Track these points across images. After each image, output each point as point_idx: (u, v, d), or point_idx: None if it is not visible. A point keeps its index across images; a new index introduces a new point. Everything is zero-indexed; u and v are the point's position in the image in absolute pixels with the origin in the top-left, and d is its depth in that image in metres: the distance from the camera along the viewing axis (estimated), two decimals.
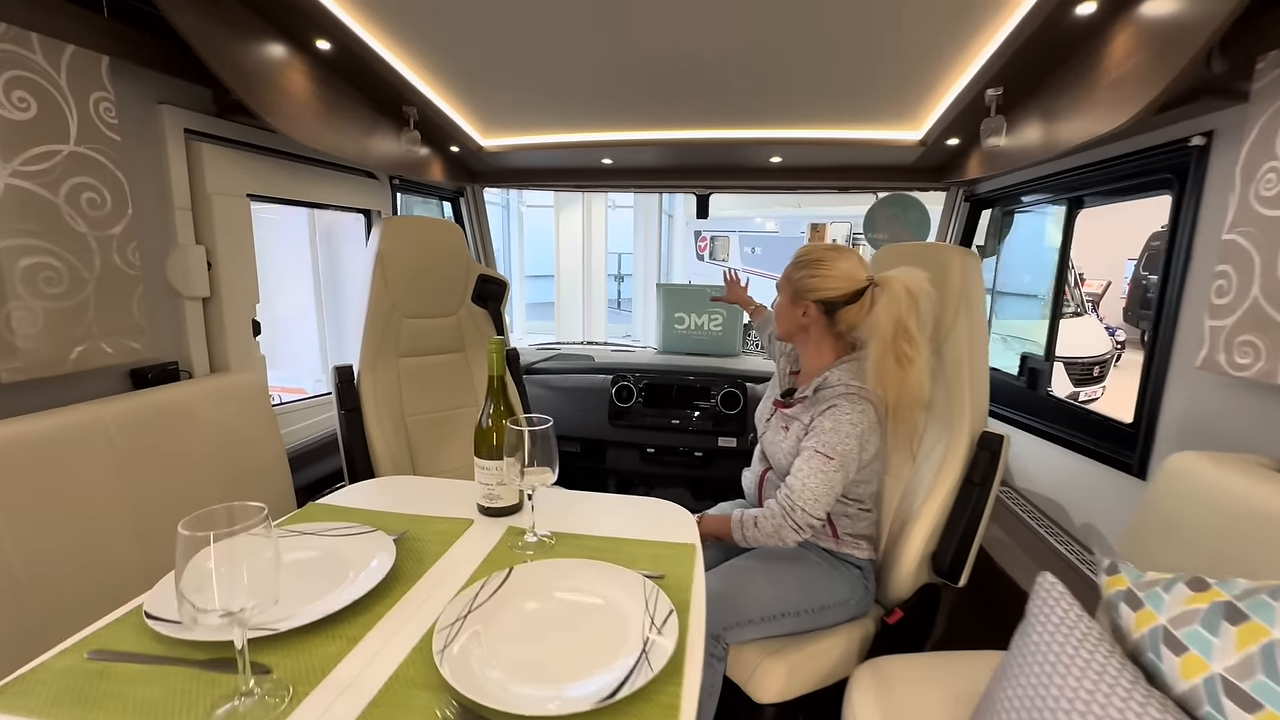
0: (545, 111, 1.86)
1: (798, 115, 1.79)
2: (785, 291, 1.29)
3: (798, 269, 1.26)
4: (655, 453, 2.18)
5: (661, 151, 2.08)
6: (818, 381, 1.25)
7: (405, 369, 1.75)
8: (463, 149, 2.07)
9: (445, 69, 1.57)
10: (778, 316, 1.33)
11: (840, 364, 1.25)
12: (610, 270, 13.14)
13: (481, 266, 1.91)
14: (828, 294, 1.22)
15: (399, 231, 1.71)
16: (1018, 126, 1.48)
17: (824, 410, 1.19)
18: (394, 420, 1.68)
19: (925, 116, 1.73)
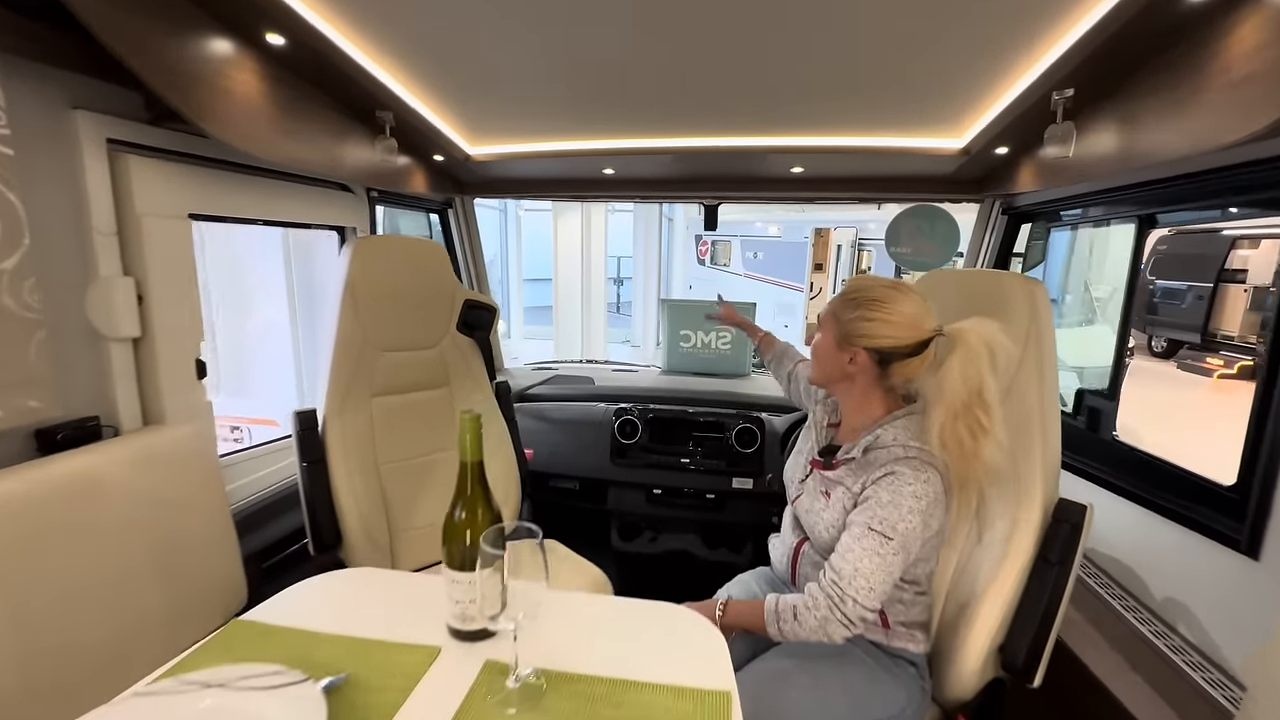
0: (539, 117, 1.65)
1: (824, 121, 1.58)
2: (830, 331, 1.08)
3: (849, 308, 1.05)
4: (662, 494, 1.97)
5: (669, 161, 1.87)
6: (867, 440, 1.04)
7: (379, 410, 1.53)
8: (448, 158, 1.86)
9: (423, 68, 1.35)
10: (817, 358, 1.12)
11: (894, 419, 1.04)
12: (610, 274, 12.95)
13: (468, 291, 1.70)
14: (884, 342, 1.01)
15: (372, 254, 1.49)
16: (1088, 134, 1.27)
17: (879, 478, 0.98)
18: (364, 471, 1.46)
19: (971, 123, 1.52)
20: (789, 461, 1.24)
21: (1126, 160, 1.21)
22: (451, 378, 1.67)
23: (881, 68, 1.26)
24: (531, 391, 2.43)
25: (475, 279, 2.56)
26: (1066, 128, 1.25)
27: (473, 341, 1.70)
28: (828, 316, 1.09)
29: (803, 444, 1.23)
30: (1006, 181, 1.69)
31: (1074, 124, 1.26)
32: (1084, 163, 1.31)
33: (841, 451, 1.08)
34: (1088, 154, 1.29)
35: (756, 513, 1.91)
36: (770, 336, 1.60)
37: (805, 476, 1.15)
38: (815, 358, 1.12)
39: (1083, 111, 1.27)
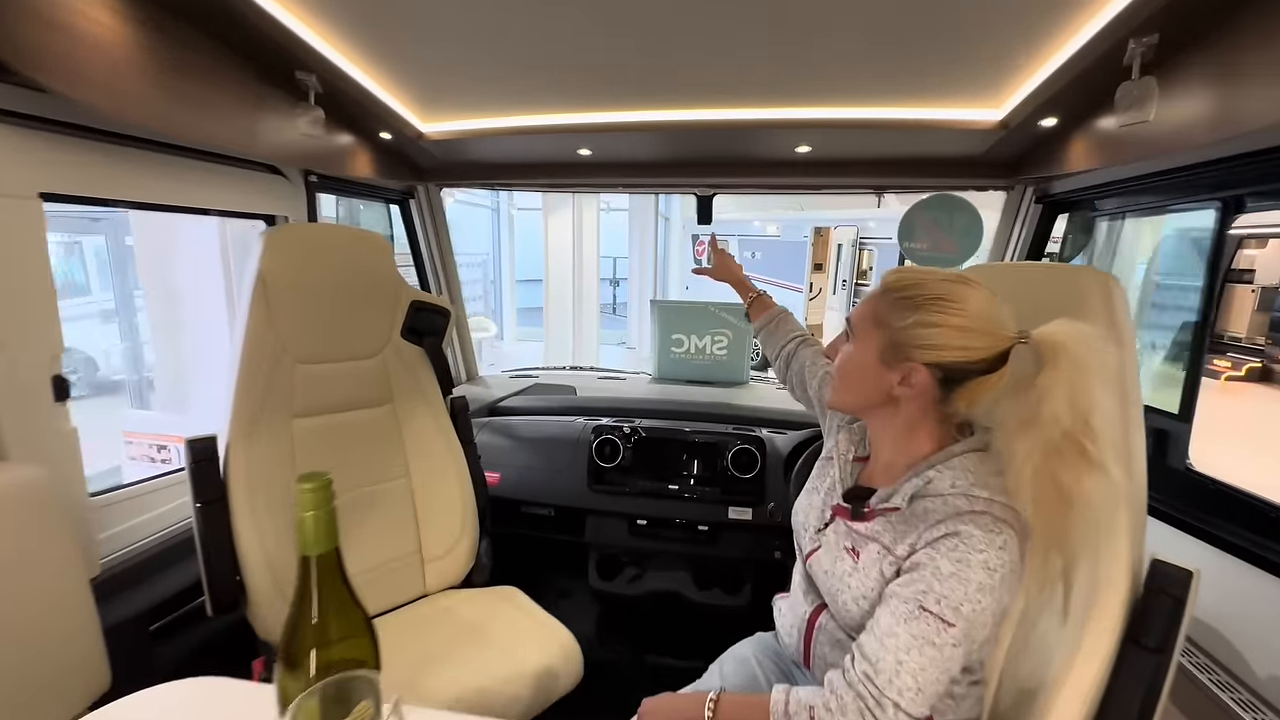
0: (500, 87, 1.39)
1: (836, 89, 1.33)
2: (871, 340, 0.81)
3: (903, 309, 0.77)
4: (647, 525, 1.71)
5: (654, 140, 1.61)
6: (914, 484, 0.78)
7: (302, 434, 1.27)
8: (397, 136, 1.60)
9: (355, 21, 1.10)
10: (847, 378, 0.85)
11: (949, 458, 0.78)
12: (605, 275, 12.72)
13: (415, 291, 1.44)
14: (952, 355, 0.75)
15: (290, 244, 1.24)
16: (1169, 95, 1.01)
17: (936, 539, 0.72)
18: (279, 510, 1.20)
19: (1013, 88, 1.26)
20: (800, 502, 0.98)
21: (1222, 126, 0.96)
22: (395, 393, 1.41)
23: (907, 19, 1.01)
24: (504, 404, 2.17)
25: (444, 282, 2.30)
26: (1146, 85, 0.99)
27: (421, 350, 1.44)
28: (865, 320, 0.82)
29: (818, 479, 0.97)
30: (1048, 161, 1.44)
31: (1155, 79, 1.00)
32: (1160, 132, 1.05)
33: (877, 497, 0.82)
34: (1167, 120, 1.03)
35: (756, 547, 1.66)
36: (765, 299, 1.30)
37: (824, 525, 0.89)
38: (844, 377, 0.85)
39: (1162, 66, 1.01)
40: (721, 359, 2.64)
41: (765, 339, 1.25)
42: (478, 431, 1.87)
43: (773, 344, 1.22)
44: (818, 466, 0.99)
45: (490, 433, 1.88)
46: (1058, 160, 1.39)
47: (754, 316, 1.29)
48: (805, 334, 1.21)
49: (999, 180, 1.74)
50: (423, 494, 1.42)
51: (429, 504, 1.42)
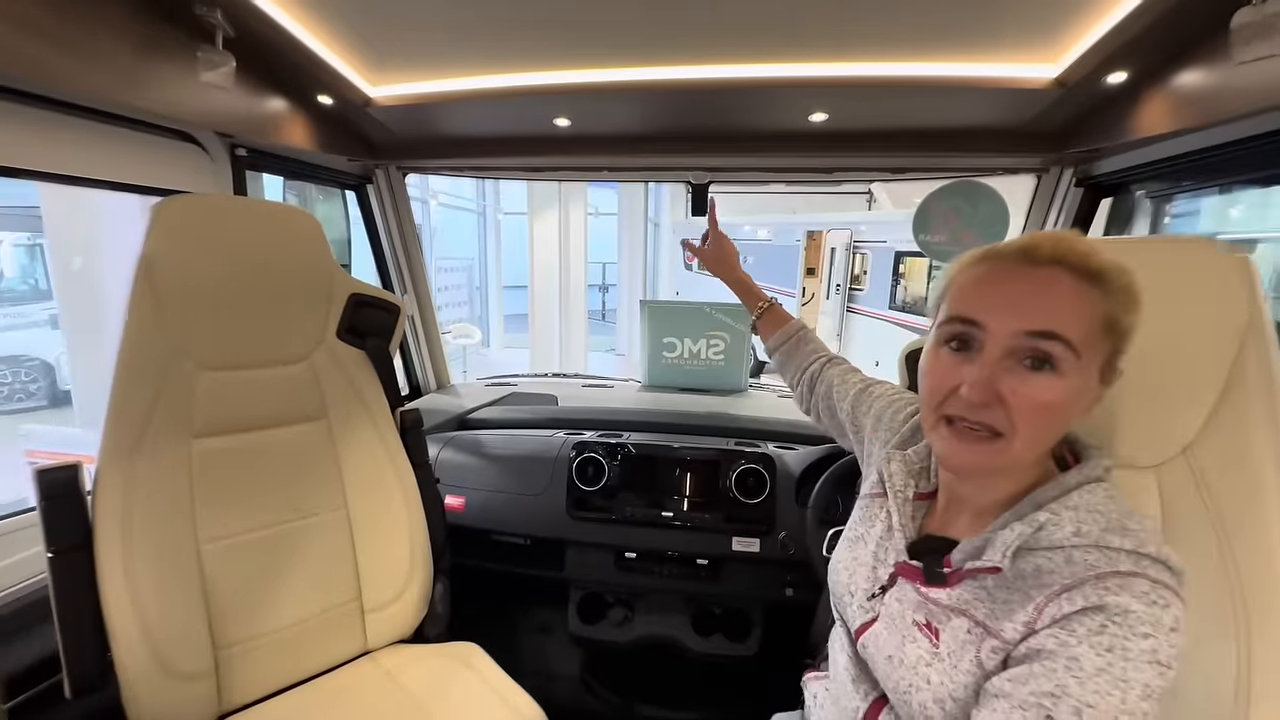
0: (462, 38, 1.15)
1: (859, 41, 1.11)
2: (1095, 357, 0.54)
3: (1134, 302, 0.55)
4: (637, 558, 1.46)
5: (642, 107, 1.37)
6: (1019, 532, 0.54)
7: (205, 458, 1.01)
8: (340, 101, 1.35)
9: None
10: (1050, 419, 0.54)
11: (1064, 492, 0.55)
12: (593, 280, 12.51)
13: (356, 282, 1.19)
14: None
15: (188, 220, 0.98)
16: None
17: (1068, 614, 0.49)
18: (166, 557, 0.94)
19: (1075, 34, 1.05)
20: (841, 556, 0.74)
21: None
22: (329, 405, 1.15)
23: None
24: (474, 416, 1.91)
25: (409, 278, 2.04)
26: (1273, 10, 0.78)
27: (363, 354, 1.19)
28: (1088, 331, 0.53)
29: (863, 524, 0.73)
30: (1110, 129, 1.22)
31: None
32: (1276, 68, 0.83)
33: (962, 552, 0.58)
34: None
35: (765, 584, 1.41)
36: (777, 309, 1.09)
37: (880, 590, 0.65)
38: (1050, 430, 0.55)
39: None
40: (718, 364, 2.41)
41: (783, 360, 1.04)
42: (440, 449, 1.62)
43: (792, 367, 1.01)
44: (860, 507, 0.75)
45: (454, 450, 1.62)
46: (1122, 127, 1.17)
47: (765, 333, 1.07)
48: (829, 353, 1.01)
49: (1035, 158, 1.53)
50: (364, 529, 1.16)
51: (371, 541, 1.16)
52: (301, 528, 1.11)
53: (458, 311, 10.26)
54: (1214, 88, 0.97)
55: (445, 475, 1.54)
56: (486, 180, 10.60)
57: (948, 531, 0.63)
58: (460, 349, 8.30)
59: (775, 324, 1.07)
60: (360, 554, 1.16)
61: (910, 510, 0.67)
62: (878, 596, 0.65)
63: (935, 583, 0.59)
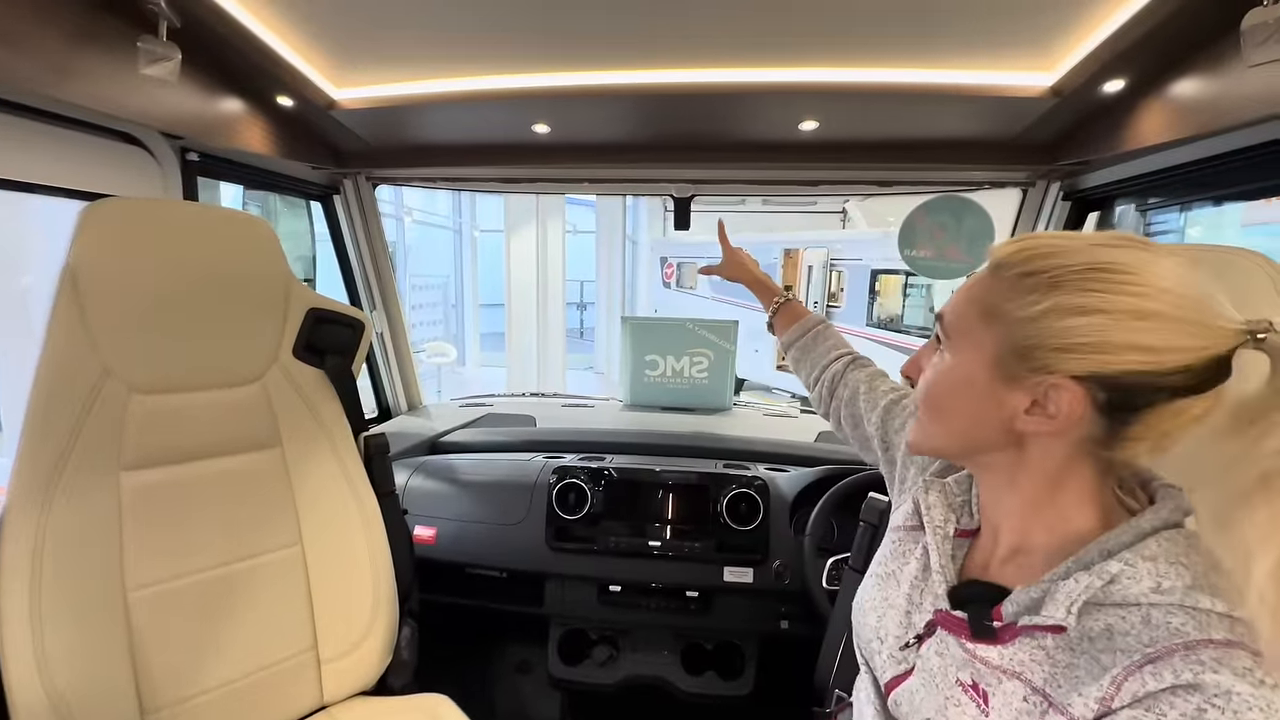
0: (435, 37, 1.08)
1: (851, 45, 1.07)
2: (976, 342, 0.51)
3: (1033, 288, 0.48)
4: (622, 591, 1.36)
5: (625, 114, 1.32)
6: (1086, 584, 0.46)
7: (137, 494, 0.89)
8: (302, 102, 1.26)
9: None
10: (933, 400, 0.55)
11: (1139, 538, 0.47)
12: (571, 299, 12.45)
13: (316, 296, 1.09)
14: (1132, 363, 0.44)
15: (121, 226, 0.88)
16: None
17: (1153, 693, 0.40)
18: (83, 616, 0.81)
19: (1073, 41, 1.02)
20: (868, 594, 0.66)
21: None
22: (284, 432, 1.05)
23: None
24: (447, 439, 1.81)
25: (378, 294, 1.94)
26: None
27: (323, 374, 1.09)
28: (968, 312, 0.52)
29: (895, 560, 0.65)
30: (1106, 139, 1.20)
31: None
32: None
33: (1015, 604, 0.49)
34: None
35: (758, 616, 1.33)
36: (794, 304, 1.00)
37: (916, 639, 0.57)
38: (933, 402, 0.55)
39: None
40: (702, 382, 2.34)
41: (797, 357, 0.95)
42: (410, 475, 1.51)
43: (809, 364, 0.92)
44: (891, 540, 0.67)
45: (425, 476, 1.51)
46: (1118, 137, 1.15)
47: (780, 327, 0.98)
48: (854, 351, 0.91)
49: (1023, 170, 1.51)
50: (321, 569, 1.05)
51: (329, 582, 1.05)
52: (249, 569, 0.99)
53: (433, 330, 10.07)
54: (1214, 96, 0.94)
55: (415, 504, 1.43)
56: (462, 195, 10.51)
57: (991, 575, 0.55)
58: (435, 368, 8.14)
59: (792, 318, 0.97)
60: (317, 597, 1.04)
61: (950, 549, 0.59)
62: (912, 646, 0.57)
63: (983, 637, 0.51)
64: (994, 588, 0.52)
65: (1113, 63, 1.01)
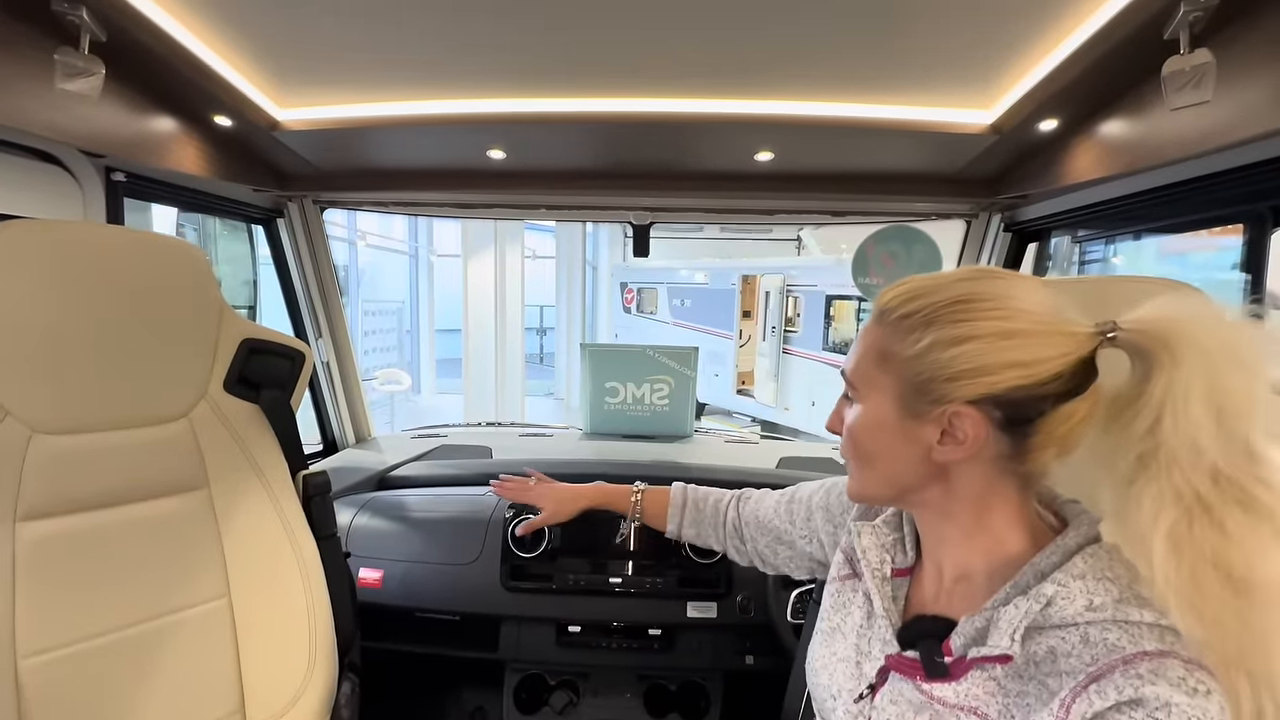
0: (386, 58, 1.05)
1: (804, 80, 1.09)
2: (878, 387, 0.54)
3: (912, 328, 0.51)
4: (582, 632, 1.30)
5: (583, 141, 1.31)
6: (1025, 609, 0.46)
7: (31, 549, 0.80)
8: (240, 121, 1.20)
9: None
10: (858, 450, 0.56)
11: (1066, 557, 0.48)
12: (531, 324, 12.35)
13: (249, 325, 1.02)
14: (1012, 379, 0.47)
15: (22, 251, 0.81)
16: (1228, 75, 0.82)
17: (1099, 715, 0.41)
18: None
19: (1010, 81, 1.07)
20: (816, 651, 0.64)
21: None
22: (211, 473, 0.96)
23: None
24: (398, 474, 1.72)
25: (325, 323, 1.85)
26: (1203, 61, 0.80)
27: (256, 409, 1.01)
28: (865, 362, 0.55)
29: (837, 613, 0.63)
30: (1040, 175, 1.26)
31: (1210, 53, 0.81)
32: (1215, 124, 0.86)
33: (962, 636, 0.49)
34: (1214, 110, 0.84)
35: (722, 652, 1.29)
36: (651, 491, 0.99)
37: (869, 689, 0.56)
38: (859, 451, 0.57)
39: (1210, 39, 0.83)
40: (663, 409, 2.33)
41: (695, 534, 0.94)
42: (355, 514, 1.42)
43: (709, 532, 0.93)
44: (830, 594, 0.66)
45: (371, 514, 1.43)
46: (1053, 173, 1.21)
47: (654, 518, 0.98)
48: (731, 493, 0.94)
49: (967, 203, 1.57)
50: (250, 622, 0.96)
51: (259, 636, 0.96)
52: (167, 626, 0.90)
53: (386, 357, 9.77)
54: (1140, 136, 1.00)
55: (359, 545, 1.34)
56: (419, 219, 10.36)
57: (938, 607, 0.54)
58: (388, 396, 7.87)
59: (660, 504, 0.97)
60: (245, 654, 0.95)
61: (890, 590, 0.58)
62: (866, 698, 0.55)
63: (938, 675, 0.50)
64: (940, 620, 0.52)
65: (1047, 103, 1.07)
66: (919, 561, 0.59)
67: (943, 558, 0.56)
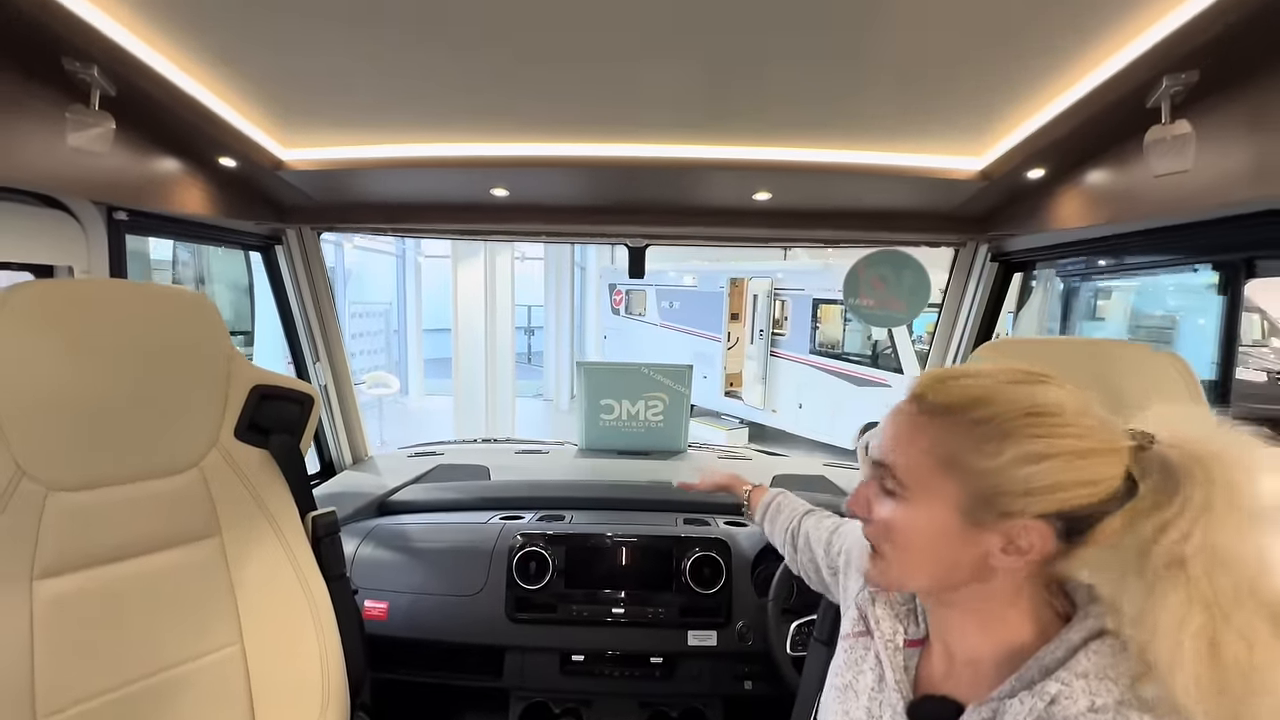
0: (391, 107, 1.06)
1: (800, 129, 1.12)
2: (939, 493, 0.53)
3: (988, 437, 0.51)
4: (585, 661, 1.33)
5: (587, 181, 1.33)
6: (1030, 708, 0.49)
7: (50, 606, 0.81)
8: (245, 162, 1.21)
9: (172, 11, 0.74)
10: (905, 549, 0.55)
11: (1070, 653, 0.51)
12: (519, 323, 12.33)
13: (260, 372, 1.03)
14: (1082, 497, 0.49)
15: (38, 314, 0.81)
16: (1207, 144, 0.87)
17: None
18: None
19: (999, 133, 1.11)
20: (828, 705, 0.67)
21: (1268, 178, 0.82)
22: (223, 520, 0.98)
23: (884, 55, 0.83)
24: (397, 498, 1.73)
25: (323, 349, 1.86)
26: (1183, 133, 0.84)
27: (266, 454, 1.03)
28: (923, 462, 0.53)
29: (850, 670, 0.66)
30: (1027, 218, 1.30)
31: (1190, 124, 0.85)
32: (1188, 189, 0.91)
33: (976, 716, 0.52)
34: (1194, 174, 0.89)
35: (721, 678, 1.33)
36: (761, 487, 1.11)
37: None
38: (906, 550, 0.55)
39: (1190, 108, 0.87)
40: (657, 425, 2.37)
41: (770, 530, 1.04)
42: (359, 544, 1.43)
43: (778, 534, 1.01)
44: (844, 649, 0.69)
45: (375, 545, 1.44)
46: (1039, 217, 1.26)
47: (753, 508, 1.09)
48: (808, 507, 1.00)
49: (955, 236, 1.62)
50: (264, 666, 0.98)
51: (273, 680, 0.98)
52: (182, 676, 0.91)
53: (374, 359, 9.70)
54: (1124, 189, 1.05)
55: (364, 576, 1.36)
56: None
57: (947, 687, 0.57)
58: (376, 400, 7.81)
59: (759, 497, 1.09)
60: (259, 699, 0.97)
61: (902, 660, 0.62)
62: None
63: None
64: (949, 703, 0.55)
65: (1035, 154, 1.11)
66: (928, 636, 0.62)
67: (953, 642, 0.58)
